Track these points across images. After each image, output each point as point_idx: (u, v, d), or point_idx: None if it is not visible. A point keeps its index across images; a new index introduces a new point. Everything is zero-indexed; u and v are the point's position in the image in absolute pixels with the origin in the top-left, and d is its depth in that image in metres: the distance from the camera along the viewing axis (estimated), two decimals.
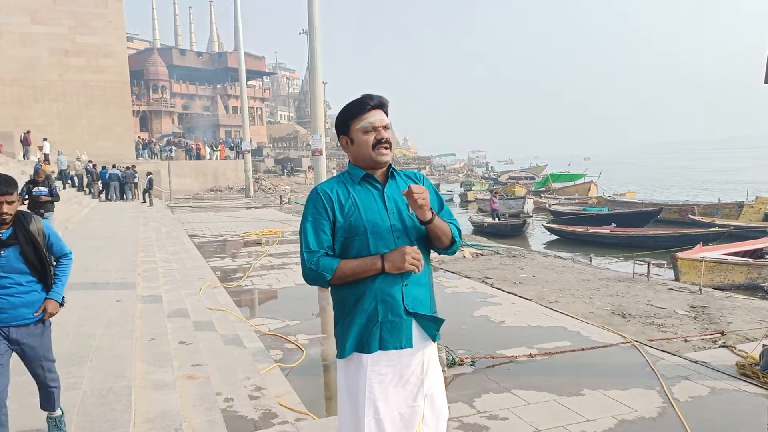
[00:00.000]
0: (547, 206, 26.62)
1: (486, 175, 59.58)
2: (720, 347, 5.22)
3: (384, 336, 1.96)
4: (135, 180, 25.35)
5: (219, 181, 37.79)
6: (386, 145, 2.02)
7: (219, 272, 9.42)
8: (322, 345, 5.63)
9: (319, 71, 15.80)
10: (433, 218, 1.98)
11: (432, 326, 2.05)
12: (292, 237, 13.54)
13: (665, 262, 10.16)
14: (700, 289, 7.65)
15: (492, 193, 24.27)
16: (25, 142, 26.80)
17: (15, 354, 2.90)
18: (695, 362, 4.73)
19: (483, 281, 8.37)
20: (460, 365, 4.78)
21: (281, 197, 28.49)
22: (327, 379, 4.84)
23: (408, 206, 2.00)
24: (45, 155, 25.37)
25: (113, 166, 25.50)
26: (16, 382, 3.14)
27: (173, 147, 40.51)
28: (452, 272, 9.10)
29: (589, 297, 7.39)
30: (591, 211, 23.12)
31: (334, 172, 30.79)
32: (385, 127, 2.03)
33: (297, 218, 17.22)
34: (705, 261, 9.58)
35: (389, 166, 2.09)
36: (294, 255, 10.85)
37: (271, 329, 6.09)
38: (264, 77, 73.97)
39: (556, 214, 23.64)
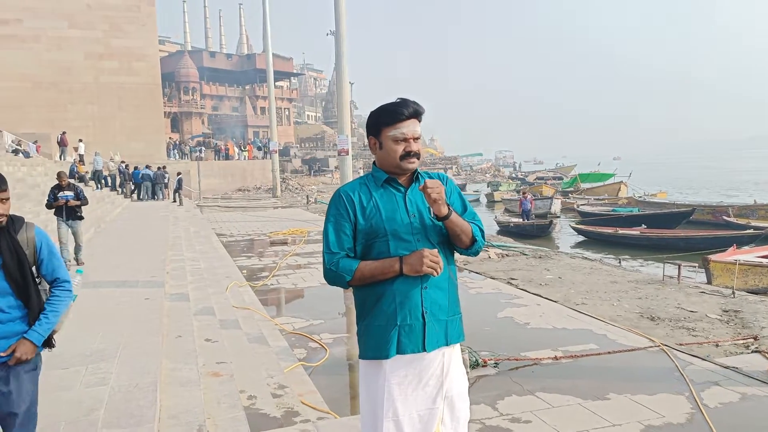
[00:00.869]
0: (576, 207, 26.23)
1: (513, 175, 59.04)
2: (753, 352, 5.08)
3: (402, 339, 1.96)
4: (166, 180, 25.86)
5: (247, 181, 38.26)
6: (415, 157, 2.02)
7: (245, 271, 9.54)
8: (347, 344, 5.64)
9: (346, 72, 15.89)
10: (450, 214, 1.97)
11: (451, 330, 2.04)
12: (318, 237, 13.62)
13: (697, 265, 9.93)
14: (733, 293, 7.45)
15: (520, 194, 24.02)
16: (62, 143, 27.60)
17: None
18: (726, 367, 4.61)
19: (508, 282, 8.30)
20: (483, 366, 4.75)
21: (308, 197, 28.72)
22: (351, 379, 4.84)
23: (430, 210, 2.00)
24: (80, 156, 26.12)
25: (145, 167, 26.03)
26: None
27: (203, 147, 41.22)
28: (477, 273, 9.04)
29: (617, 299, 7.26)
30: (620, 212, 22.69)
31: (361, 173, 30.93)
32: (416, 139, 2.02)
33: (323, 218, 17.31)
34: (739, 264, 9.31)
35: (414, 170, 2.09)
36: (319, 254, 10.90)
37: (296, 328, 6.13)
38: (292, 78, 74.70)
39: (585, 215, 23.26)
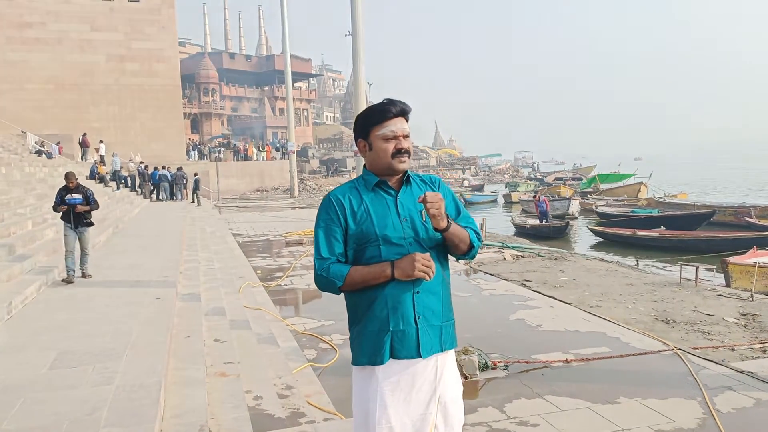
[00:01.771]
0: (594, 207, 25.93)
1: (531, 176, 58.56)
2: None
3: (395, 345, 1.93)
4: (184, 181, 26.14)
5: (265, 182, 38.46)
6: (406, 155, 2.00)
7: (260, 271, 9.58)
8: None
9: (362, 73, 15.91)
10: (449, 226, 1.93)
11: (445, 335, 2.01)
12: None
13: (715, 267, 9.74)
14: (752, 296, 7.29)
15: (535, 196, 23.82)
16: (83, 144, 28.09)
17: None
18: (741, 372, 4.51)
19: (522, 284, 8.23)
20: (493, 369, 4.70)
21: None
22: None
23: (422, 213, 1.96)
24: (101, 157, 26.54)
25: (163, 167, 26.35)
26: None
27: (222, 148, 41.58)
28: (491, 274, 8.98)
29: (632, 302, 7.15)
30: (639, 213, 22.38)
31: None
32: (406, 137, 2.00)
33: None
34: (758, 266, 9.11)
35: (405, 172, 2.06)
36: None
37: (307, 329, 6.12)
38: (310, 79, 75.06)
39: (603, 216, 22.97)
